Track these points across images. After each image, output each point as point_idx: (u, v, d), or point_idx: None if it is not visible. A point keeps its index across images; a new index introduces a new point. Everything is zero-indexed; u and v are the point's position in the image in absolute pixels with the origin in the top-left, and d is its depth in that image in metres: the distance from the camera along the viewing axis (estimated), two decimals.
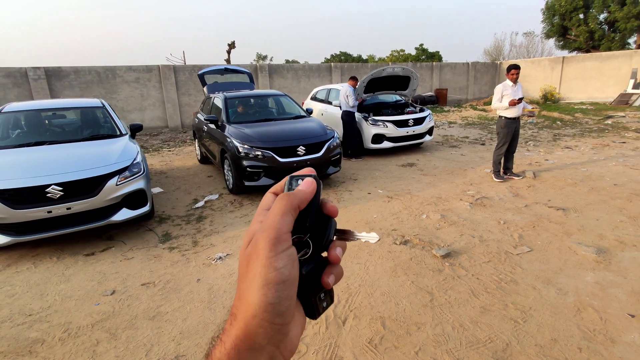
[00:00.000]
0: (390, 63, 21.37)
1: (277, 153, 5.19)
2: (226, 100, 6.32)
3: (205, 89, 7.77)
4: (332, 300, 0.41)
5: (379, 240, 0.49)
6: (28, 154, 4.05)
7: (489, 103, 18.76)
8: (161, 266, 3.55)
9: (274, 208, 0.37)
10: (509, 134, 5.76)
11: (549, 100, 17.89)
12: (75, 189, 3.71)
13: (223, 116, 6.04)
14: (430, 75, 19.29)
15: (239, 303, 0.36)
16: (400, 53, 33.89)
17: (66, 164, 3.83)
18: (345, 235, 0.44)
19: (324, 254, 0.41)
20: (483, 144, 8.91)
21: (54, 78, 10.97)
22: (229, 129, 5.62)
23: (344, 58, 36.83)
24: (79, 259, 3.73)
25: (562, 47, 24.64)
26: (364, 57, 38.68)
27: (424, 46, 32.83)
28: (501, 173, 6.00)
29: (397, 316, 2.66)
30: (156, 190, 5.98)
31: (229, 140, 5.42)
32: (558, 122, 12.19)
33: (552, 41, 26.77)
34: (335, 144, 5.75)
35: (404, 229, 4.13)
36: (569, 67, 18.38)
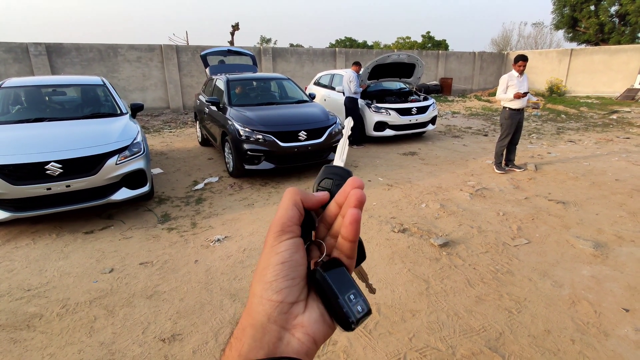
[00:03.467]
0: (395, 50, 21.06)
1: (278, 137, 5.16)
2: (228, 82, 6.25)
3: (207, 70, 7.68)
4: (367, 308, 0.36)
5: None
6: (28, 130, 4.02)
7: (494, 94, 18.58)
8: (159, 246, 3.57)
9: (280, 203, 0.39)
10: (513, 126, 5.71)
11: (554, 93, 17.70)
12: (75, 167, 3.70)
13: (225, 98, 5.98)
14: (435, 64, 19.05)
15: (249, 297, 0.37)
16: (406, 40, 33.40)
17: (66, 141, 3.81)
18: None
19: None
20: (486, 135, 8.85)
21: (55, 54, 10.84)
22: (231, 112, 5.58)
23: (349, 44, 36.34)
24: (78, 237, 3.74)
25: (571, 39, 24.24)
26: (370, 43, 38.15)
27: (430, 34, 32.32)
28: (503, 165, 5.97)
29: (392, 303, 2.68)
30: (156, 171, 5.97)
31: (230, 122, 5.38)
32: (562, 116, 12.08)
33: (561, 33, 26.34)
34: (337, 130, 5.70)
35: (402, 217, 4.14)
36: (576, 60, 18.11)
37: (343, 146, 0.45)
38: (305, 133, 5.33)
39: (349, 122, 0.50)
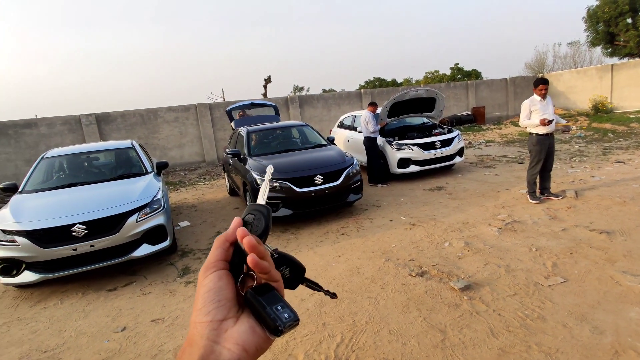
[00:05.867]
0: (422, 85, 21.14)
1: (294, 183, 5.19)
2: (248, 134, 6.51)
3: (232, 124, 8.09)
4: (293, 316, 0.42)
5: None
6: (59, 196, 4.37)
7: None
8: (174, 301, 3.59)
9: (211, 249, 0.46)
10: (542, 152, 5.35)
11: (600, 111, 16.60)
12: (98, 227, 3.92)
13: (245, 149, 6.21)
14: (465, 94, 18.78)
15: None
16: (435, 74, 33.51)
17: (90, 203, 4.09)
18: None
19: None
20: (521, 163, 8.36)
21: (103, 122, 12.01)
22: (250, 162, 5.75)
23: (377, 84, 37.07)
24: (101, 295, 3.88)
25: (611, 54, 23.05)
26: (399, 80, 38.71)
27: (459, 65, 32.25)
28: (537, 194, 5.55)
29: (402, 358, 2.44)
30: (183, 224, 6.19)
31: (249, 172, 5.53)
32: (610, 134, 11.22)
33: (599, 49, 25.20)
34: (354, 171, 5.66)
35: (422, 259, 3.89)
36: (619, 75, 17.07)
37: (265, 187, 0.52)
38: (322, 177, 5.33)
39: (269, 169, 0.59)
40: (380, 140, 7.64)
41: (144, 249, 4.21)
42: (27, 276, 3.78)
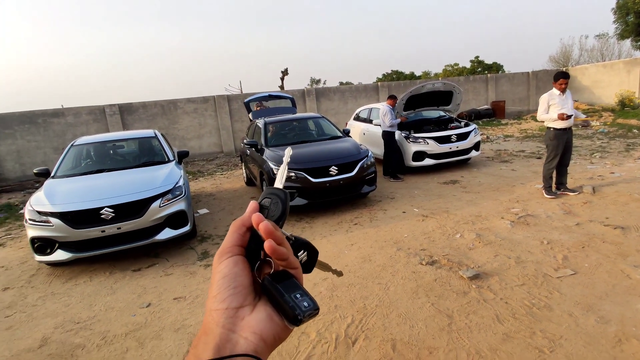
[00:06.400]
0: (440, 78, 20.86)
1: (309, 173, 5.33)
2: (265, 125, 6.67)
3: (250, 115, 8.26)
4: (313, 305, 0.41)
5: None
6: (89, 181, 4.64)
7: None
8: (194, 282, 3.80)
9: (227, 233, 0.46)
10: (560, 146, 5.31)
11: (626, 107, 16.06)
12: (124, 211, 4.16)
13: (262, 140, 6.37)
14: (485, 88, 18.46)
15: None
16: (454, 67, 32.93)
17: (117, 188, 4.33)
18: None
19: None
20: (539, 158, 8.25)
21: (126, 113, 12.41)
22: (267, 152, 5.91)
23: (395, 76, 36.70)
24: (126, 274, 4.13)
25: None
26: (418, 73, 38.20)
27: (479, 58, 31.58)
28: (553, 189, 5.52)
29: (409, 339, 2.56)
30: (203, 211, 6.42)
31: (266, 162, 5.69)
32: (635, 130, 10.92)
33: (628, 42, 24.23)
34: (369, 162, 5.75)
35: (433, 249, 3.98)
36: None
37: (283, 171, 0.52)
38: (337, 168, 5.45)
39: (288, 151, 0.58)
40: (396, 134, 7.67)
41: (166, 233, 4.43)
42: (60, 255, 4.05)
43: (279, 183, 0.50)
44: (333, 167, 5.43)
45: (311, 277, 3.61)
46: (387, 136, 7.45)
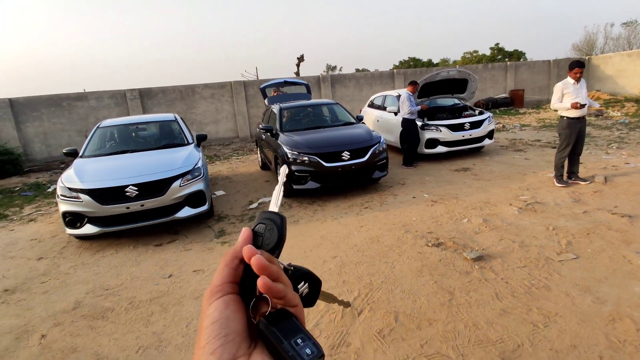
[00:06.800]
0: (457, 66, 20.49)
1: (322, 158, 5.49)
2: (281, 110, 6.83)
3: (266, 101, 8.43)
4: (317, 351, 0.35)
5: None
6: (115, 161, 4.92)
7: None
8: (212, 257, 4.05)
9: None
10: (572, 135, 5.31)
11: None
12: (147, 189, 4.42)
13: (277, 125, 6.55)
14: (504, 76, 18.11)
15: None
16: (474, 54, 32.22)
17: (141, 168, 4.59)
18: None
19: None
20: (554, 147, 8.17)
21: (146, 97, 12.74)
22: (282, 137, 6.09)
23: (412, 63, 36.14)
24: (149, 248, 4.41)
25: None
26: (435, 61, 37.51)
27: (499, 45, 30.79)
28: (564, 177, 5.54)
29: (411, 312, 2.74)
30: (219, 193, 6.68)
31: (280, 147, 5.87)
32: None
33: None
34: (381, 149, 5.86)
35: (440, 232, 4.12)
36: None
37: (278, 192, 0.47)
38: (349, 153, 5.59)
39: (283, 170, 0.53)
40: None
41: (186, 211, 4.69)
42: (89, 229, 4.36)
43: (274, 206, 0.46)
44: (345, 152, 5.57)
45: (321, 255, 3.82)
46: (405, 124, 7.33)
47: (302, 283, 0.44)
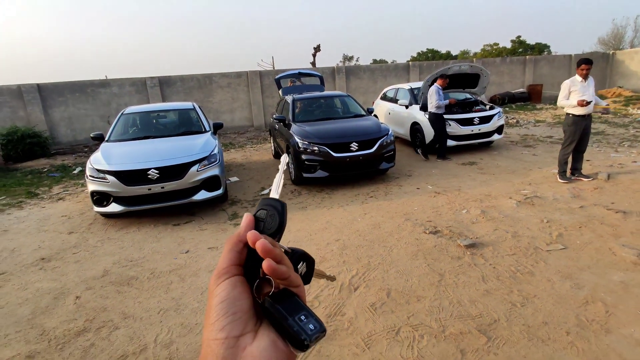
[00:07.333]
0: (474, 60, 20.25)
1: (331, 148, 5.76)
2: (293, 101, 7.10)
3: (280, 91, 8.70)
4: (320, 327, 0.37)
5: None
6: (138, 146, 5.30)
7: (601, 98, 16.53)
8: (225, 237, 4.40)
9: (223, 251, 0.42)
10: (577, 133, 5.43)
11: None
12: (168, 173, 4.78)
13: (290, 115, 6.83)
14: (522, 71, 17.87)
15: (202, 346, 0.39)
16: (494, 47, 31.62)
17: (162, 153, 4.95)
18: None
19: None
20: None
21: (165, 85, 13.17)
22: (294, 127, 6.37)
23: (430, 55, 35.70)
24: (168, 227, 4.80)
25: None
26: (454, 53, 36.95)
27: (521, 38, 30.12)
28: (568, 174, 5.67)
29: (402, 289, 3.02)
30: (233, 179, 7.04)
31: (292, 136, 6.16)
32: None
33: None
34: (388, 141, 6.09)
35: (439, 221, 4.36)
36: None
37: (279, 180, 0.48)
38: (357, 144, 5.84)
39: (284, 159, 0.53)
40: (419, 114, 7.89)
41: (202, 194, 5.05)
42: (114, 207, 4.76)
43: (274, 193, 0.47)
44: (354, 143, 5.82)
45: (325, 238, 4.12)
46: (433, 118, 7.22)
47: (301, 263, 0.46)
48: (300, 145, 5.89)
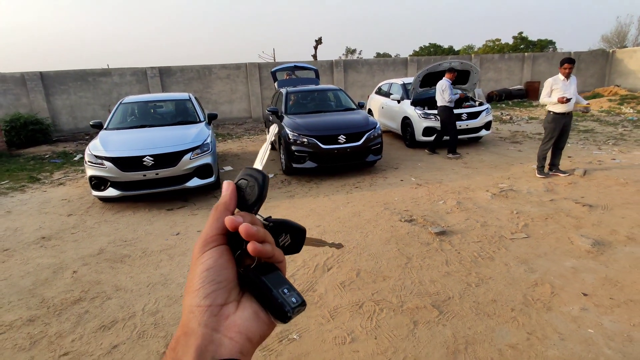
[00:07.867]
0: (473, 55, 20.33)
1: (320, 140, 6.01)
2: (287, 94, 7.33)
3: (276, 84, 8.92)
4: (301, 300, 0.38)
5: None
6: (135, 134, 5.56)
7: (597, 96, 16.67)
8: None
9: (208, 219, 0.41)
10: (556, 130, 5.65)
11: None
12: (162, 160, 5.05)
13: (282, 107, 7.06)
14: (520, 67, 17.98)
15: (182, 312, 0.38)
16: (496, 43, 31.59)
17: (157, 141, 5.21)
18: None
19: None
20: None
21: (165, 75, 13.39)
22: (285, 119, 6.61)
23: (432, 50, 35.68)
24: (161, 212, 5.08)
25: None
26: (457, 48, 36.93)
27: (523, 34, 30.08)
28: (546, 169, 5.91)
29: (371, 270, 3.30)
30: (227, 168, 7.31)
31: (283, 128, 6.40)
32: None
33: None
34: (376, 134, 6.33)
35: (415, 211, 4.62)
36: None
37: (265, 150, 0.47)
38: (345, 137, 6.08)
39: (273, 129, 0.52)
40: (410, 109, 8.11)
41: (195, 182, 5.31)
42: (111, 192, 5.04)
43: (258, 164, 0.46)
44: (342, 135, 6.07)
45: (306, 224, 4.39)
46: (444, 112, 7.18)
47: (283, 235, 0.45)
48: (290, 137, 6.13)
